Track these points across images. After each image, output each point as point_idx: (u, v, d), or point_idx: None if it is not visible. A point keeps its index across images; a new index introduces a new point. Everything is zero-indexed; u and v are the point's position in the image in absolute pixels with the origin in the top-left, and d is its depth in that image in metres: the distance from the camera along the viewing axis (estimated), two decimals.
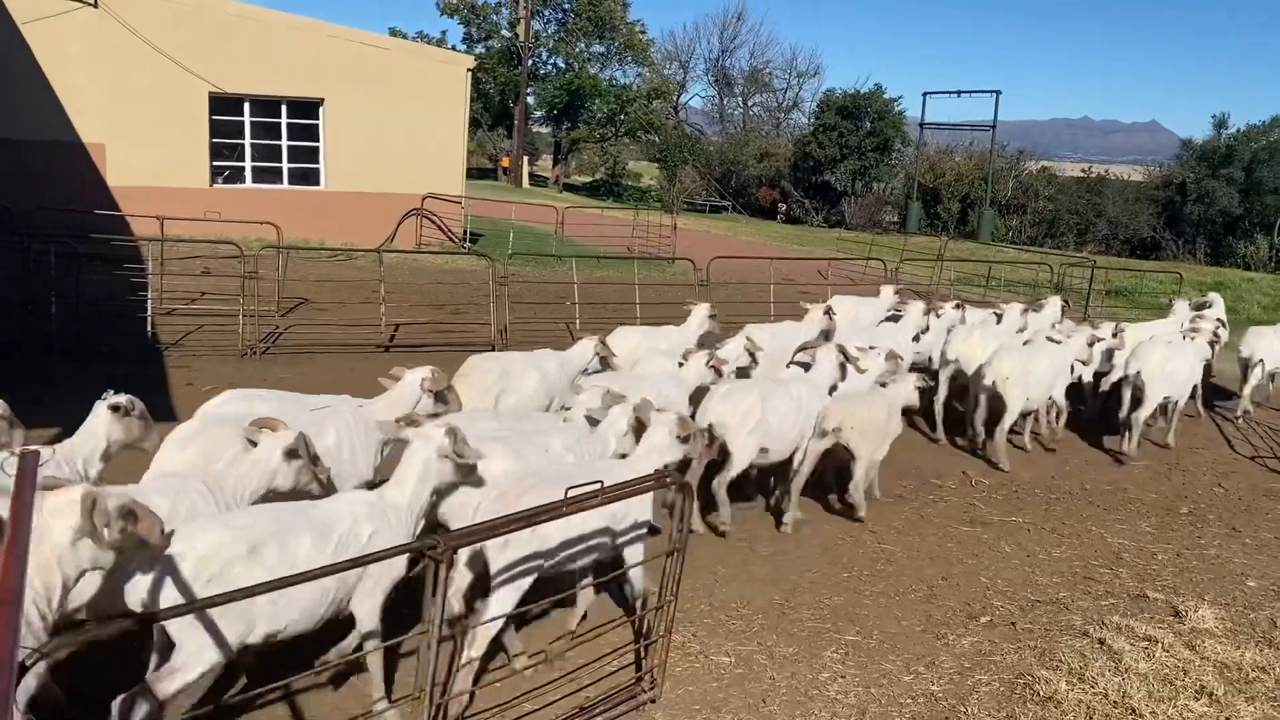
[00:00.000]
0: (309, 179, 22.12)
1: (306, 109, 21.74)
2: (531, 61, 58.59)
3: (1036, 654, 5.81)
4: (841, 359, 7.96)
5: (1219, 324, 12.30)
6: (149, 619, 3.57)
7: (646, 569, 5.45)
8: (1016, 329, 11.12)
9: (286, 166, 21.97)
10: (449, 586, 4.92)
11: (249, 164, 21.61)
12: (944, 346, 10.42)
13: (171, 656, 4.01)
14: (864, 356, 8.32)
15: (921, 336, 10.62)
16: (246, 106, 21.29)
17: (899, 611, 6.31)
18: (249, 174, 21.68)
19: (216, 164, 21.14)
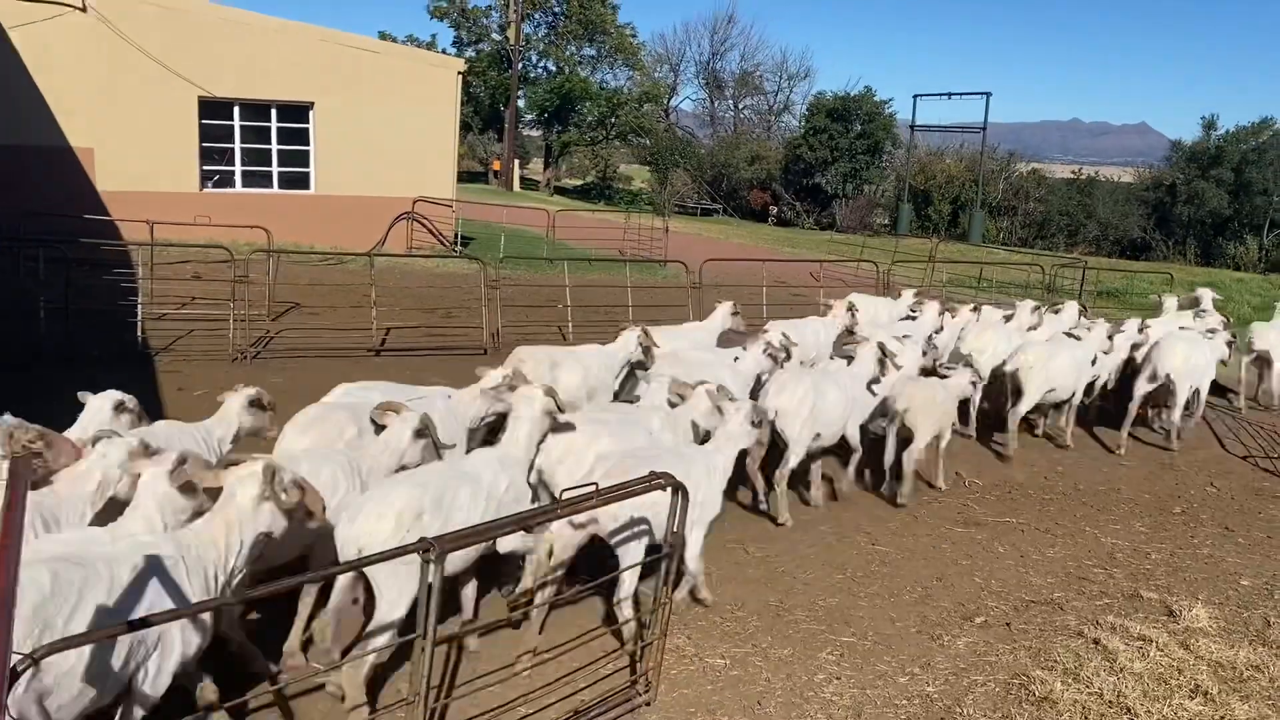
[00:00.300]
0: (299, 183, 22.04)
1: (296, 113, 21.68)
2: (522, 65, 58.63)
3: (1031, 654, 5.81)
4: (880, 354, 8.31)
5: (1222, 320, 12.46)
6: (143, 624, 3.54)
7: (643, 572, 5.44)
8: (1028, 326, 11.30)
9: (276, 170, 21.90)
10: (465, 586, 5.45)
11: (239, 168, 21.53)
12: (957, 344, 10.69)
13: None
14: (900, 350, 8.75)
15: (935, 336, 10.77)
16: (236, 110, 21.20)
17: (894, 613, 6.31)
18: (239, 178, 21.59)
19: (206, 168, 21.05)
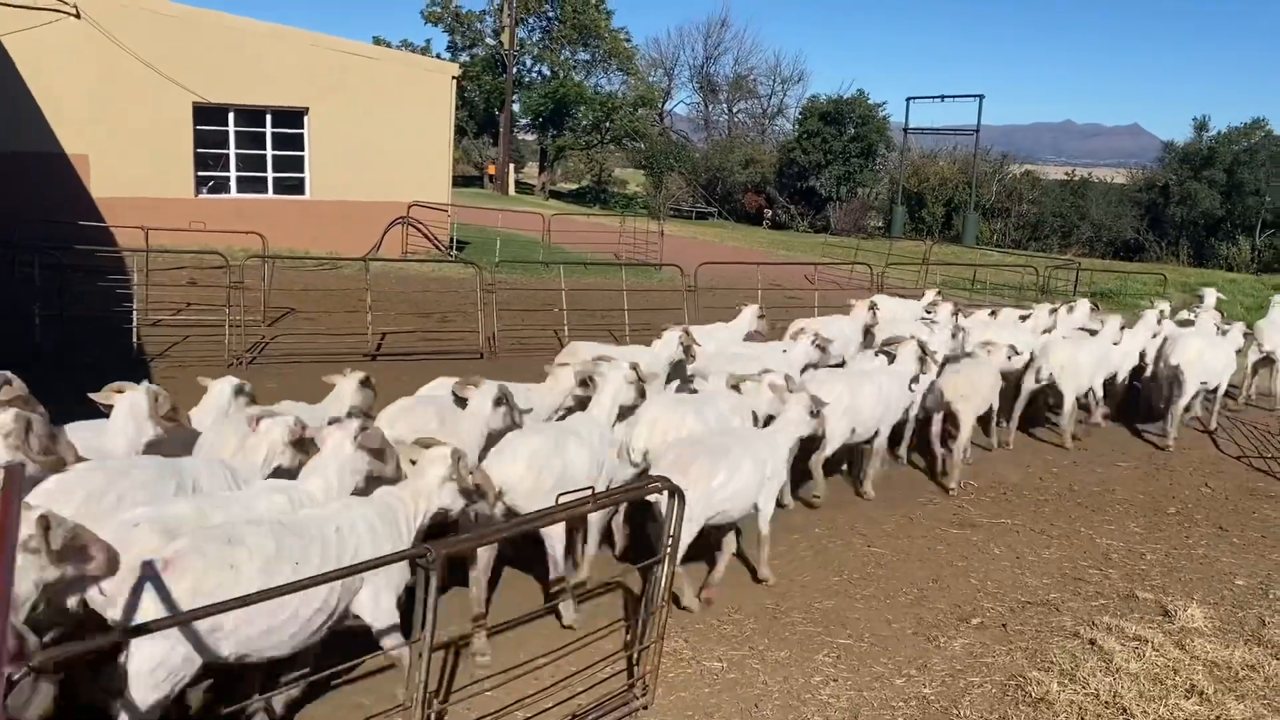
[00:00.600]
0: (294, 188, 22.05)
1: (291, 118, 21.69)
2: (516, 69, 58.64)
3: (1028, 655, 5.82)
4: (921, 353, 8.62)
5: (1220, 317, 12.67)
6: (135, 632, 3.53)
7: (638, 577, 5.45)
8: (1044, 329, 11.46)
9: (271, 176, 21.90)
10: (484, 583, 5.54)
11: (234, 174, 21.53)
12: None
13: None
14: (930, 339, 9.30)
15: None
16: (231, 116, 21.22)
17: (890, 614, 6.32)
18: (234, 184, 21.59)
19: (201, 174, 21.06)
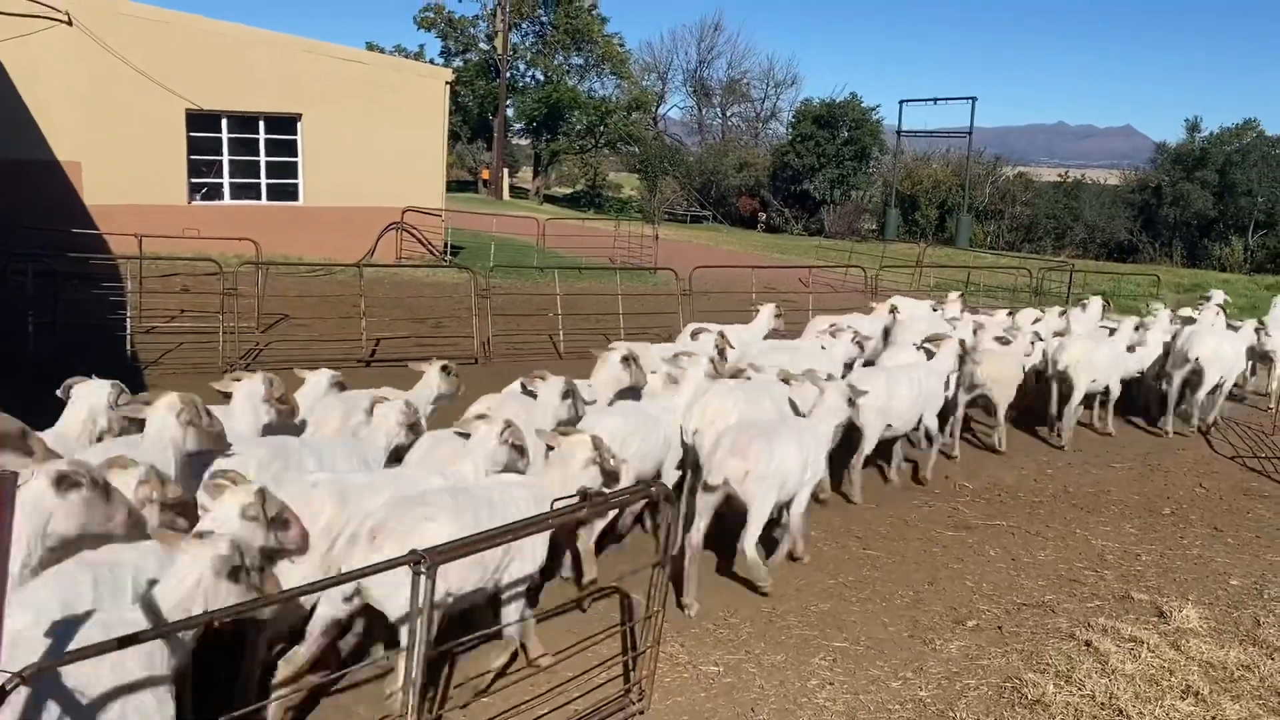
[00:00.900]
0: (288, 194, 21.99)
1: (284, 124, 21.64)
2: (510, 74, 58.65)
3: (1023, 657, 5.82)
4: (961, 351, 9.10)
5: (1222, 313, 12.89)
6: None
7: (634, 581, 5.44)
8: (1054, 331, 11.59)
9: (265, 182, 21.85)
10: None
11: (227, 180, 21.47)
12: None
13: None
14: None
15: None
16: (224, 123, 21.17)
17: (886, 617, 6.32)
18: (227, 190, 21.53)
19: (194, 181, 21.01)
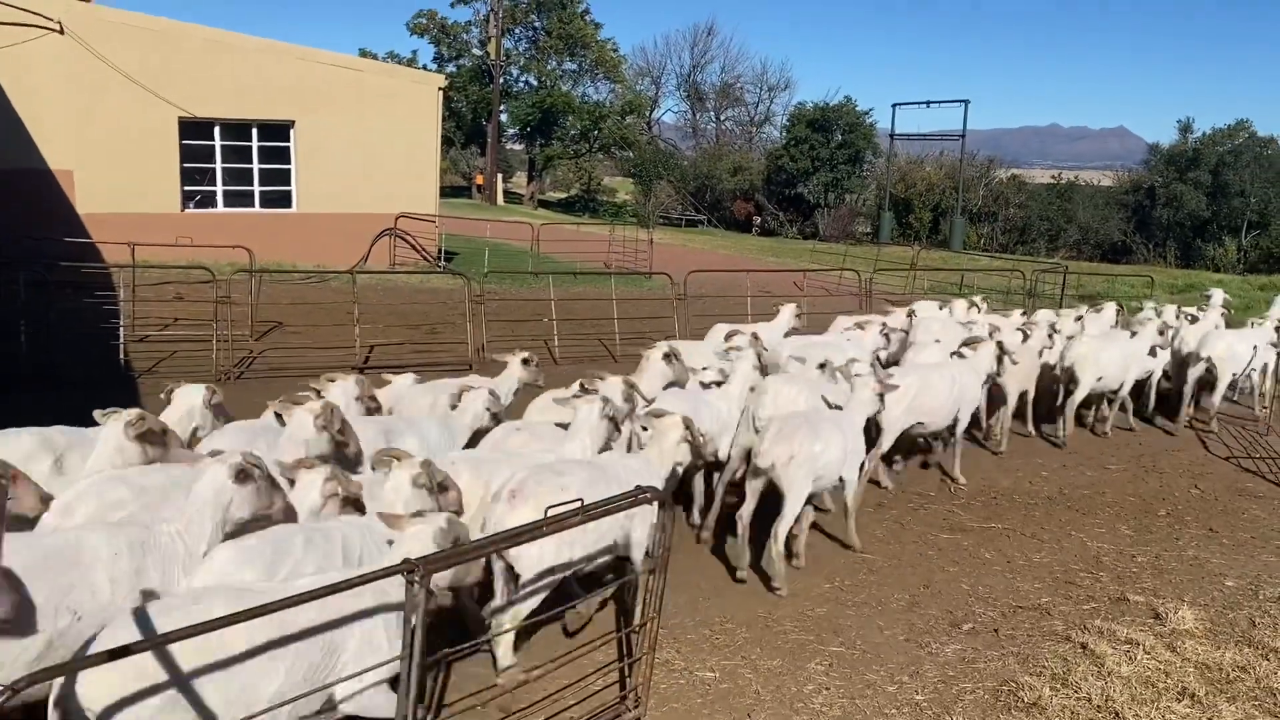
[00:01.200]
0: (281, 202, 21.99)
1: (277, 131, 21.65)
2: (503, 79, 58.69)
3: (1019, 660, 5.82)
4: (999, 352, 9.39)
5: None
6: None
7: (629, 586, 5.43)
8: (1068, 335, 11.68)
9: (258, 190, 21.84)
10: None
11: (220, 188, 21.46)
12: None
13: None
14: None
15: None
16: (217, 130, 21.16)
17: (882, 621, 6.32)
18: (220, 198, 21.51)
19: (187, 189, 20.98)
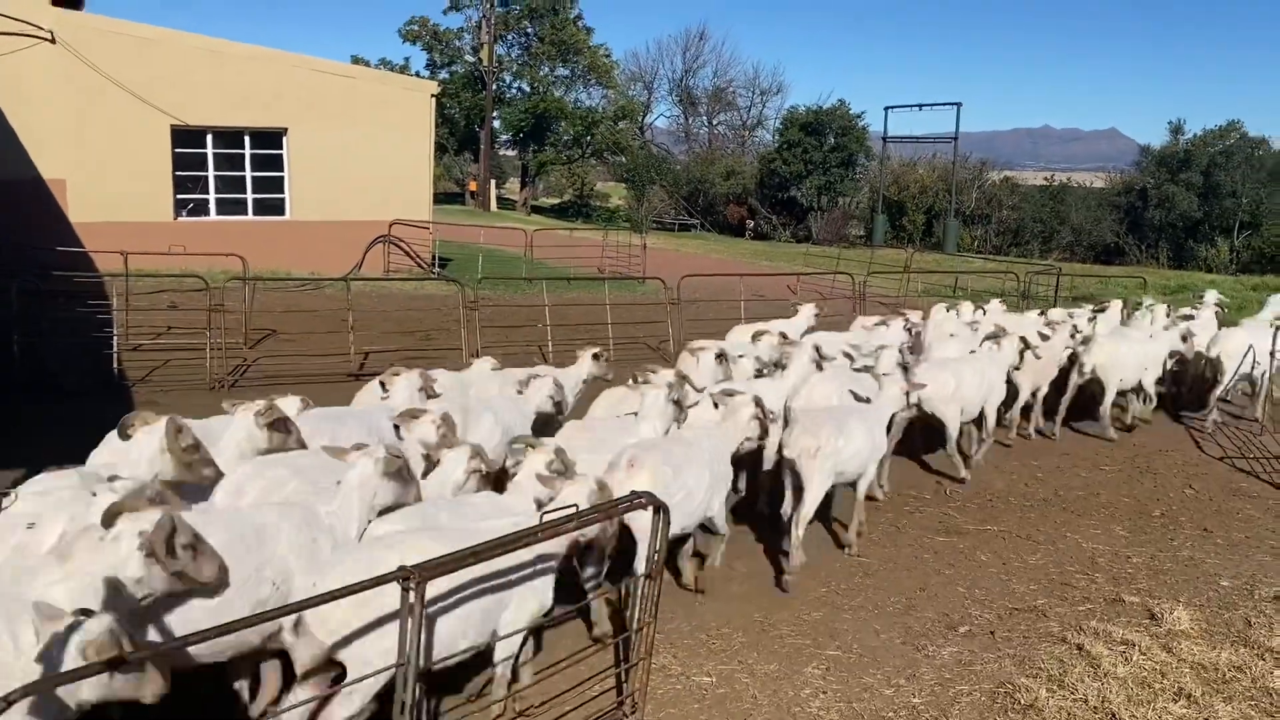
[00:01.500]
0: (274, 209, 21.97)
1: (270, 139, 21.63)
2: (496, 86, 58.72)
3: (1016, 662, 5.82)
4: (1023, 346, 9.90)
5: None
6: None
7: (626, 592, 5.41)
8: (1084, 338, 11.75)
9: (251, 197, 21.82)
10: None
11: (213, 196, 21.44)
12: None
13: None
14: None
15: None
16: (209, 138, 21.15)
17: (878, 624, 6.32)
18: (213, 206, 21.50)
19: (180, 197, 20.96)
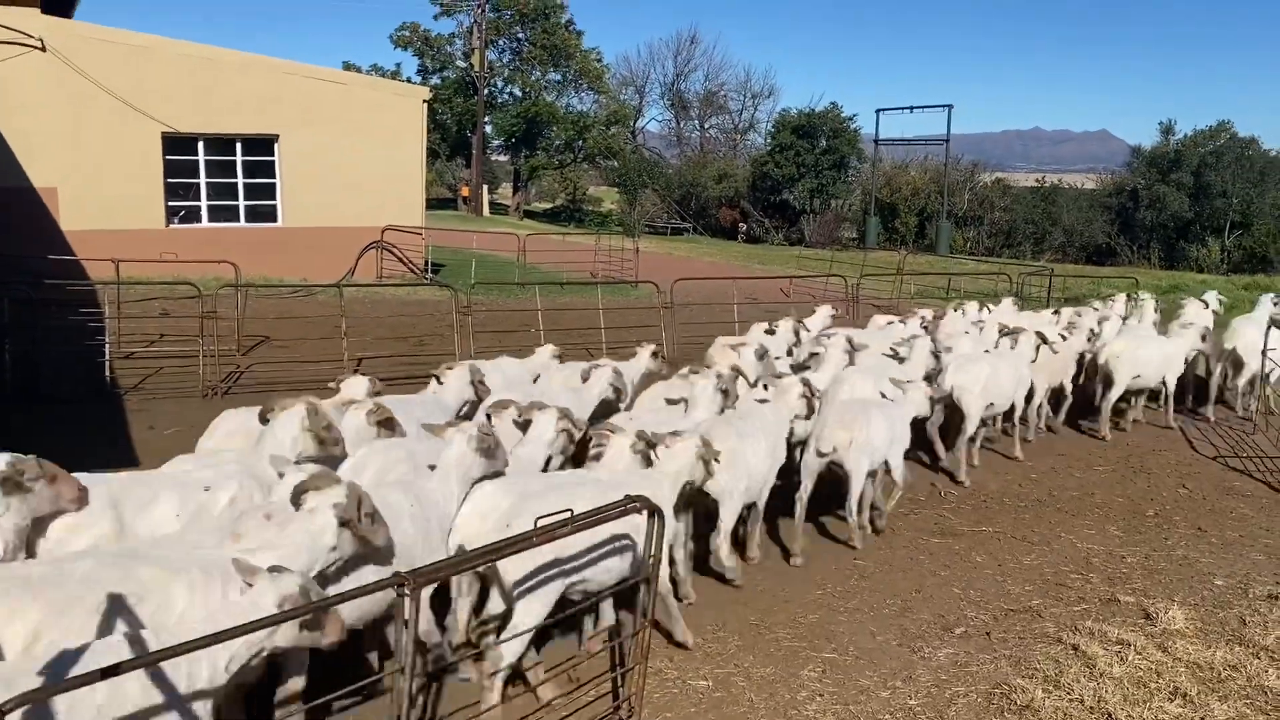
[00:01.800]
0: (266, 216, 21.92)
1: (262, 146, 21.59)
2: (488, 91, 58.71)
3: (1012, 663, 5.83)
4: (1040, 342, 10.13)
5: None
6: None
7: (621, 597, 5.41)
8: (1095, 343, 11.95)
9: (243, 204, 21.76)
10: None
11: (204, 203, 21.39)
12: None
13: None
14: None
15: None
16: (201, 145, 21.11)
17: (874, 626, 6.32)
18: (205, 213, 21.44)
19: (172, 204, 20.91)
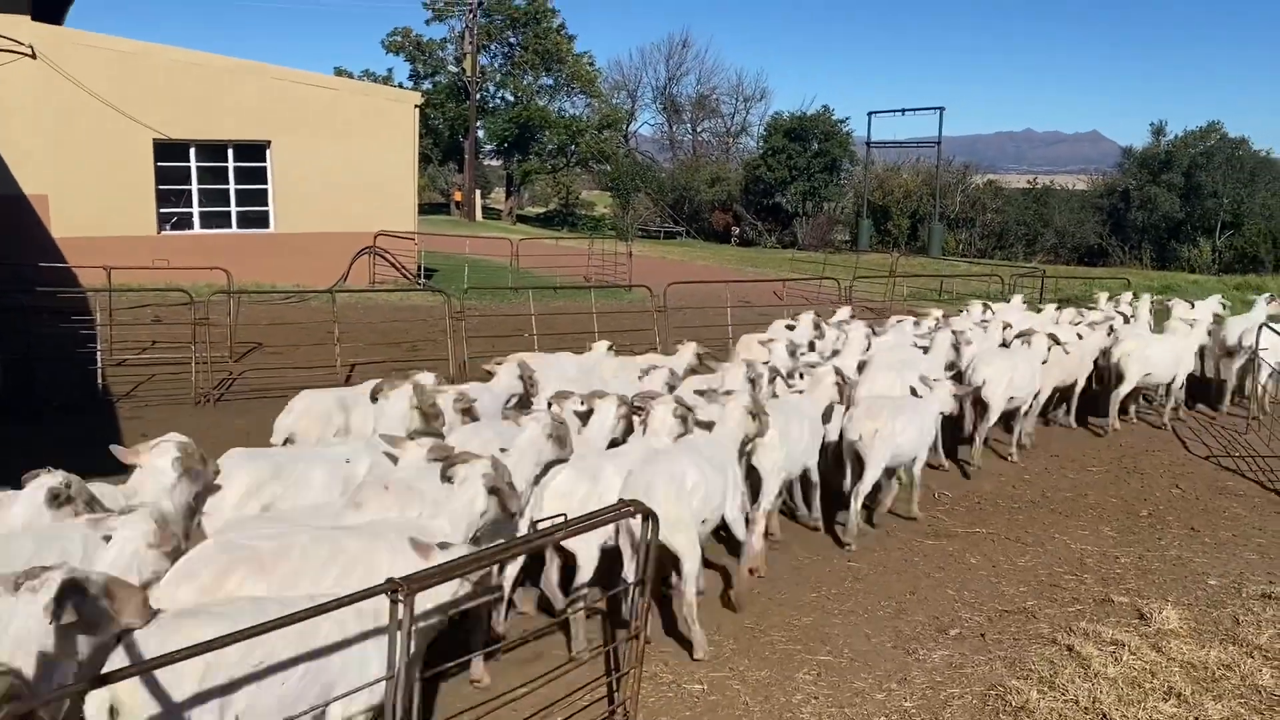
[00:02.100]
0: (258, 222, 21.90)
1: (253, 152, 21.57)
2: (480, 95, 58.68)
3: (1007, 664, 5.83)
4: (1052, 342, 10.40)
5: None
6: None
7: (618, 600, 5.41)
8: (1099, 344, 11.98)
9: (235, 210, 21.74)
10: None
11: (196, 209, 21.35)
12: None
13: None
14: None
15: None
16: (192, 151, 21.08)
17: (869, 629, 6.32)
18: (197, 219, 21.41)
19: (163, 211, 20.87)
